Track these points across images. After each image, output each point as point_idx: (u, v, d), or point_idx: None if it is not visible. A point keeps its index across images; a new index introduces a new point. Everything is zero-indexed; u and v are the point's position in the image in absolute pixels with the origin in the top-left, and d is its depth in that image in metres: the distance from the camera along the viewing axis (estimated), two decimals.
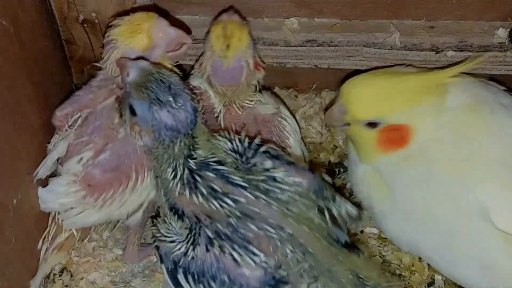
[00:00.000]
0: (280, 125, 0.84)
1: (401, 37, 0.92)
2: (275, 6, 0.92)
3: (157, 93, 0.65)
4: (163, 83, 0.66)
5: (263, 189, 0.66)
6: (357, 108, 0.78)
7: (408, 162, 0.77)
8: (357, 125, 0.79)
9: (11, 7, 0.76)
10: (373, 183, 0.81)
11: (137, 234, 0.84)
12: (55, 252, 0.80)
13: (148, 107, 0.65)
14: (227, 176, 0.66)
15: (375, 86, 0.78)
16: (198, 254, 0.64)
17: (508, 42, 0.91)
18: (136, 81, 0.66)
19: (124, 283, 0.84)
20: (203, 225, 0.65)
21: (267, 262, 0.62)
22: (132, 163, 0.75)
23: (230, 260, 0.63)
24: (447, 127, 0.76)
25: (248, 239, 0.63)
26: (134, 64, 0.68)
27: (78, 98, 0.81)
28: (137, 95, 0.66)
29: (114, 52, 0.77)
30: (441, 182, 0.74)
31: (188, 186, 0.66)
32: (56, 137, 0.80)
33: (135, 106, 0.66)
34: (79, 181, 0.74)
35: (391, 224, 0.79)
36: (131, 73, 0.67)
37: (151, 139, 0.67)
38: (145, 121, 0.66)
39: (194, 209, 0.66)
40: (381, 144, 0.78)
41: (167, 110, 0.65)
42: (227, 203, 0.64)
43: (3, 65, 0.73)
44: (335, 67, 0.95)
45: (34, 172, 0.79)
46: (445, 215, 0.74)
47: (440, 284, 0.84)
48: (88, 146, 0.76)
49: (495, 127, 0.76)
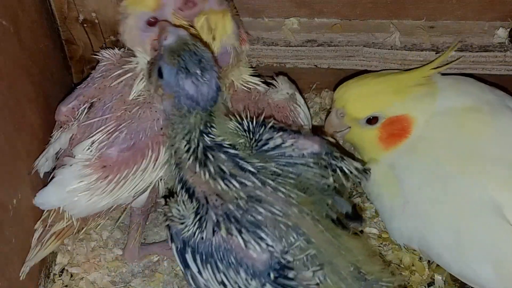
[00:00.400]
0: (295, 111, 0.84)
1: (401, 37, 0.92)
2: (275, 6, 0.92)
3: (187, 62, 0.68)
4: (196, 55, 0.68)
5: (272, 174, 0.67)
6: (354, 106, 0.79)
7: (413, 155, 0.78)
8: (357, 126, 0.80)
9: (11, 7, 0.76)
10: (383, 182, 0.81)
11: (138, 229, 0.84)
12: (52, 238, 0.79)
13: (175, 73, 0.68)
14: (237, 161, 0.67)
15: (368, 84, 0.80)
16: (205, 235, 0.65)
17: (508, 42, 0.91)
18: (171, 47, 0.68)
19: (124, 283, 0.84)
20: (210, 207, 0.66)
21: (273, 247, 0.63)
22: (148, 140, 0.75)
23: (237, 243, 0.64)
24: (446, 117, 0.77)
25: (257, 223, 0.64)
26: (174, 30, 0.70)
27: (82, 91, 0.80)
28: (168, 59, 0.68)
29: (126, 21, 0.78)
30: (451, 177, 0.75)
31: (199, 162, 0.68)
32: (59, 130, 0.79)
33: (163, 69, 0.69)
34: (92, 164, 0.74)
35: (402, 222, 0.79)
36: (169, 38, 0.69)
37: (170, 104, 0.70)
38: (169, 85, 0.69)
39: (205, 189, 0.67)
40: (383, 140, 0.79)
41: (192, 80, 0.67)
42: (234, 185, 0.66)
43: (3, 65, 0.73)
44: (335, 67, 0.95)
45: (34, 163, 0.78)
46: (457, 210, 0.74)
47: (440, 284, 0.84)
48: (99, 129, 0.76)
49: (496, 125, 0.76)
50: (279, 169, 0.68)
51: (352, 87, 0.81)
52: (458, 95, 0.80)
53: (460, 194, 0.74)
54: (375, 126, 0.79)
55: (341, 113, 0.81)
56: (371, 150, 0.81)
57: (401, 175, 0.79)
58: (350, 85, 0.81)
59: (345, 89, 0.81)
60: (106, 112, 0.77)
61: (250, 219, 0.64)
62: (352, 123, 0.81)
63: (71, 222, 0.78)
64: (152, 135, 0.75)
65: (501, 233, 0.71)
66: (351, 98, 0.80)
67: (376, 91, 0.79)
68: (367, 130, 0.79)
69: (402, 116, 0.78)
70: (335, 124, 0.83)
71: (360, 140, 0.82)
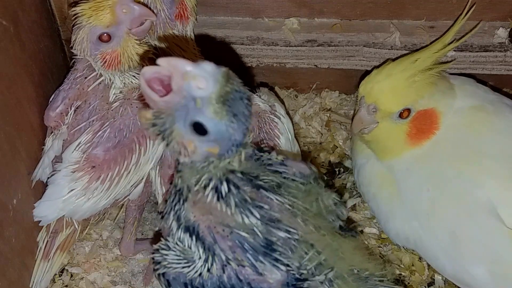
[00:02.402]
0: (271, 123, 0.82)
1: (401, 37, 0.92)
2: (275, 6, 0.93)
3: (236, 106, 0.53)
4: (237, 91, 0.53)
5: (275, 187, 0.62)
6: (387, 101, 0.77)
7: (425, 160, 0.77)
8: (387, 121, 0.78)
9: (11, 7, 0.76)
10: (381, 183, 0.81)
11: (134, 224, 0.84)
12: (58, 252, 0.80)
13: (225, 125, 0.53)
14: (254, 182, 0.60)
15: (396, 76, 0.77)
16: (213, 272, 0.60)
17: (508, 42, 0.91)
18: (212, 97, 0.51)
19: (124, 283, 0.84)
20: (218, 241, 0.60)
21: (289, 265, 0.60)
22: (133, 135, 0.76)
23: (251, 271, 0.60)
24: (456, 117, 0.77)
25: (271, 246, 0.60)
26: (205, 72, 0.51)
27: (67, 93, 0.79)
28: (214, 113, 0.52)
29: (79, 32, 0.75)
30: (450, 178, 0.75)
31: (218, 196, 0.59)
32: (51, 137, 0.80)
33: (207, 125, 0.52)
34: (81, 167, 0.74)
35: (399, 223, 0.79)
36: (205, 85, 0.51)
37: (206, 155, 0.57)
38: (216, 140, 0.54)
39: (210, 223, 0.59)
40: (412, 136, 0.78)
41: (243, 125, 0.54)
42: (254, 215, 0.59)
43: (3, 65, 0.73)
44: (335, 67, 0.95)
45: (32, 175, 0.79)
46: (453, 212, 0.74)
47: (440, 284, 0.84)
48: (86, 131, 0.76)
49: (501, 125, 0.76)
50: (280, 181, 0.62)
51: (381, 80, 0.77)
52: (466, 95, 0.80)
53: (457, 195, 0.74)
54: (406, 121, 0.77)
55: (373, 108, 0.78)
56: (396, 147, 0.79)
57: (400, 176, 0.79)
58: (377, 78, 0.78)
59: (373, 83, 0.78)
60: (92, 114, 0.77)
61: (265, 242, 0.59)
62: (383, 118, 0.78)
63: (73, 227, 0.79)
64: (137, 130, 0.76)
65: (497, 235, 0.71)
66: (383, 93, 0.77)
67: (407, 84, 0.77)
68: (397, 125, 0.77)
69: (431, 109, 0.77)
70: (367, 120, 0.79)
71: (387, 136, 0.79)
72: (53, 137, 0.79)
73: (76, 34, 0.76)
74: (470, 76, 0.89)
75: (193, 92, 0.51)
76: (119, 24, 0.74)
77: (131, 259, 0.86)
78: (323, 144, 0.98)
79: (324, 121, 1.00)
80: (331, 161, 0.96)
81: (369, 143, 0.83)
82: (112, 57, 0.75)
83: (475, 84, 0.83)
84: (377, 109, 0.77)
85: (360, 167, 0.85)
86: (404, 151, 0.79)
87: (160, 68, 0.52)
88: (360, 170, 0.85)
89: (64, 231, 0.80)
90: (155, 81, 0.52)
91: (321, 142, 0.98)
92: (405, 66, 0.77)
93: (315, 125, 0.99)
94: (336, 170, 0.95)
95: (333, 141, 0.98)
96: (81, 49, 0.76)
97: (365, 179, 0.84)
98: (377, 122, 0.78)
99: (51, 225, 0.79)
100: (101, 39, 0.74)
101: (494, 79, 0.95)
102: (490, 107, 0.78)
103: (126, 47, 0.75)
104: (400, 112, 0.77)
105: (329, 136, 0.98)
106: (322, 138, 0.99)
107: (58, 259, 0.81)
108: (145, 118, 0.55)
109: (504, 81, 0.95)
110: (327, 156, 0.97)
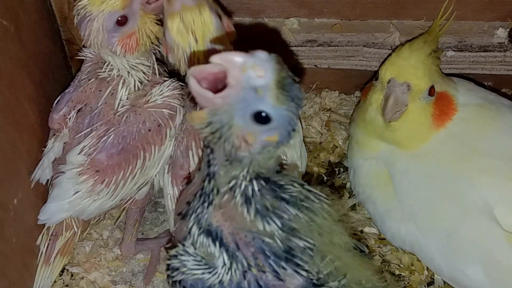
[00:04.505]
0: None
1: (401, 37, 0.92)
2: (275, 6, 0.93)
3: (294, 91, 0.53)
4: (290, 77, 0.53)
5: (298, 200, 0.60)
6: (420, 75, 0.75)
7: (421, 159, 0.77)
8: (416, 102, 0.76)
9: (12, 7, 0.76)
10: (378, 183, 0.81)
11: (135, 225, 0.84)
12: (58, 256, 0.80)
13: (287, 112, 0.53)
14: (275, 189, 0.59)
15: (418, 52, 0.76)
16: (234, 279, 0.59)
17: (507, 42, 0.91)
18: (272, 85, 0.52)
19: (124, 282, 0.84)
20: (240, 246, 0.59)
21: (309, 271, 0.59)
22: (137, 143, 0.75)
23: (271, 277, 0.59)
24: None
25: (291, 251, 0.59)
26: (262, 61, 0.51)
27: (71, 96, 0.79)
28: (277, 101, 0.52)
29: (93, 24, 0.72)
30: (447, 179, 0.74)
31: (243, 199, 0.58)
32: (52, 139, 0.80)
33: (271, 112, 0.52)
34: (86, 171, 0.74)
35: (395, 224, 0.79)
36: (264, 73, 0.51)
37: (264, 145, 0.55)
38: (277, 127, 0.54)
39: (232, 229, 0.59)
40: (436, 117, 0.77)
41: (299, 110, 0.55)
42: (276, 223, 0.58)
43: (3, 65, 0.73)
44: (335, 67, 0.95)
45: (31, 176, 0.79)
46: (449, 212, 0.74)
47: (440, 283, 0.84)
48: (90, 135, 0.76)
49: (501, 125, 0.77)
50: (305, 195, 0.60)
51: (408, 58, 0.75)
52: (468, 89, 0.80)
53: (454, 196, 0.74)
54: (432, 99, 0.76)
55: (406, 86, 0.74)
56: (424, 130, 0.77)
57: (397, 176, 0.79)
58: (404, 56, 0.76)
59: (402, 61, 0.75)
60: (94, 118, 0.77)
61: (286, 248, 0.59)
62: (414, 98, 0.75)
63: (73, 230, 0.80)
64: (141, 137, 0.76)
65: (493, 237, 0.71)
66: (415, 68, 0.75)
67: (430, 60, 0.77)
68: (424, 105, 0.76)
69: (445, 92, 0.78)
70: (402, 101, 0.75)
71: (415, 118, 0.76)
72: (54, 139, 0.79)
73: (89, 27, 0.73)
74: (469, 76, 0.89)
75: (253, 82, 0.51)
76: (132, 3, 0.73)
77: (131, 258, 0.86)
78: (323, 144, 0.98)
79: (324, 121, 1.00)
80: (331, 161, 0.96)
81: (394, 133, 0.78)
82: (131, 40, 0.74)
83: (474, 84, 0.83)
84: (410, 87, 0.75)
85: (357, 168, 0.84)
86: (431, 135, 0.77)
87: (211, 66, 0.51)
88: (356, 171, 0.85)
89: (64, 234, 0.80)
90: (202, 81, 0.52)
91: (321, 142, 0.98)
92: (419, 45, 0.77)
93: (315, 125, 0.99)
94: (336, 170, 0.95)
95: (333, 141, 0.98)
96: (97, 42, 0.74)
97: (361, 179, 0.83)
98: (406, 106, 0.75)
99: (51, 228, 0.79)
100: (119, 23, 0.73)
101: (493, 79, 0.95)
102: (492, 106, 0.78)
103: (143, 24, 0.74)
104: (429, 88, 0.75)
105: (329, 136, 0.99)
106: (322, 138, 0.99)
107: (59, 263, 0.81)
108: (200, 118, 0.54)
109: (504, 81, 0.95)
110: (327, 156, 0.97)
